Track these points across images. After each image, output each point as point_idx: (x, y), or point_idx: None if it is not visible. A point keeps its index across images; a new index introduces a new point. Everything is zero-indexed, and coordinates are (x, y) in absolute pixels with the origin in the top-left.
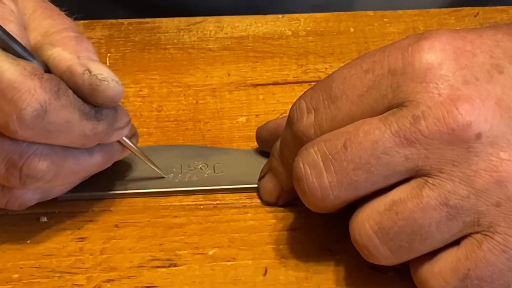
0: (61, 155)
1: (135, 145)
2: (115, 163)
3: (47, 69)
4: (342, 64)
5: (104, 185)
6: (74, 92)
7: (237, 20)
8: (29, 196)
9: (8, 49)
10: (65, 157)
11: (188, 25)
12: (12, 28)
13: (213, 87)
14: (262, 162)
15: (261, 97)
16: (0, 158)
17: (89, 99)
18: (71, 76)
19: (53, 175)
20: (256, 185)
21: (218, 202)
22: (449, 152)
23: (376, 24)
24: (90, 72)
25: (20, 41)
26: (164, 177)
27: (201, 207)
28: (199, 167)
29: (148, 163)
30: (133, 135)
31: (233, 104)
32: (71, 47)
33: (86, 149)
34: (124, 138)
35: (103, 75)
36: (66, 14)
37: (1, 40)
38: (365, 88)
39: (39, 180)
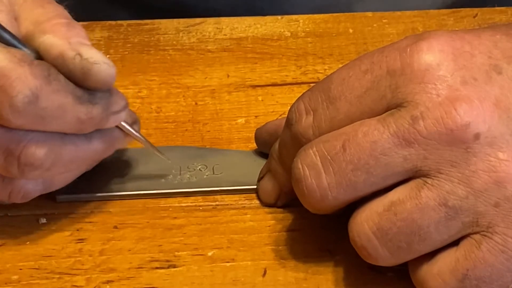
0: (58, 142)
1: (137, 131)
2: (114, 164)
3: (39, 57)
4: (341, 65)
5: (103, 186)
6: (67, 77)
7: (236, 21)
8: (31, 187)
9: None
10: (63, 144)
11: (187, 27)
12: (2, 18)
13: (212, 88)
14: (261, 163)
15: (260, 98)
16: None
17: (82, 83)
18: (62, 61)
19: (52, 163)
20: (255, 186)
21: (217, 203)
22: (447, 153)
23: (375, 25)
24: (81, 56)
25: (10, 30)
26: (168, 161)
27: (200, 208)
28: (198, 168)
29: (151, 148)
30: (134, 122)
31: (232, 105)
32: (62, 33)
33: (84, 136)
34: (124, 124)
35: (94, 58)
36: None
37: None
38: (363, 89)
39: (37, 168)
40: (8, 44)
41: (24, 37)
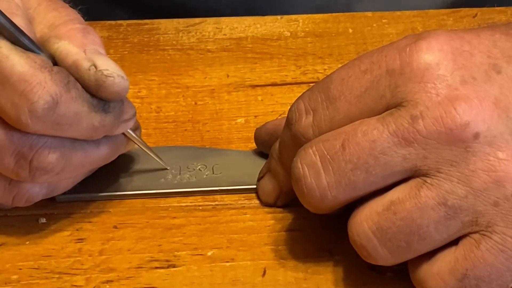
0: (69, 147)
1: (139, 137)
2: (114, 164)
3: (55, 62)
4: (340, 65)
5: (103, 186)
6: (81, 86)
7: (236, 21)
8: (36, 190)
9: (17, 43)
10: (74, 149)
11: (187, 26)
12: (19, 22)
13: (212, 88)
14: (260, 163)
15: (259, 98)
16: (9, 151)
17: (96, 94)
18: (77, 71)
19: (62, 168)
20: (255, 186)
21: (217, 203)
22: (447, 152)
23: (374, 25)
24: (96, 67)
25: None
26: (167, 169)
27: (200, 208)
28: (197, 168)
29: (151, 154)
30: (136, 128)
31: (232, 105)
32: (78, 40)
33: (93, 141)
34: (129, 130)
35: (109, 71)
36: (70, 6)
37: (10, 33)
38: (363, 88)
39: (48, 173)
40: (26, 49)
41: (40, 41)
